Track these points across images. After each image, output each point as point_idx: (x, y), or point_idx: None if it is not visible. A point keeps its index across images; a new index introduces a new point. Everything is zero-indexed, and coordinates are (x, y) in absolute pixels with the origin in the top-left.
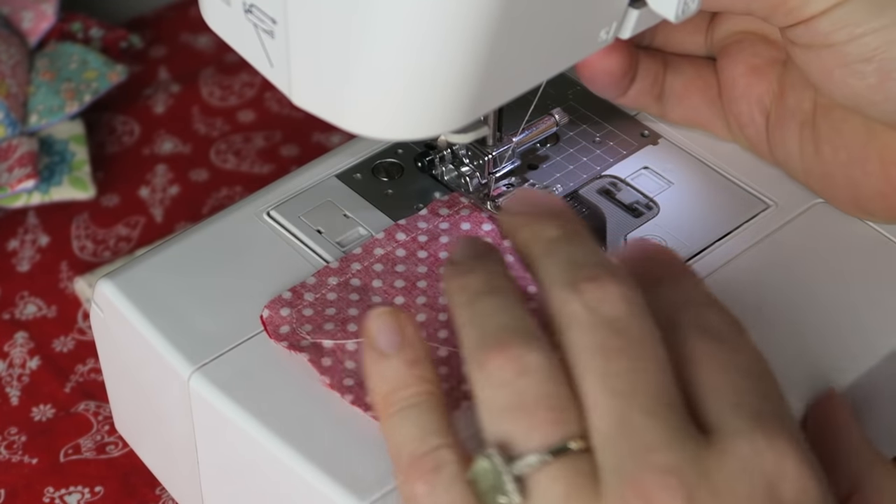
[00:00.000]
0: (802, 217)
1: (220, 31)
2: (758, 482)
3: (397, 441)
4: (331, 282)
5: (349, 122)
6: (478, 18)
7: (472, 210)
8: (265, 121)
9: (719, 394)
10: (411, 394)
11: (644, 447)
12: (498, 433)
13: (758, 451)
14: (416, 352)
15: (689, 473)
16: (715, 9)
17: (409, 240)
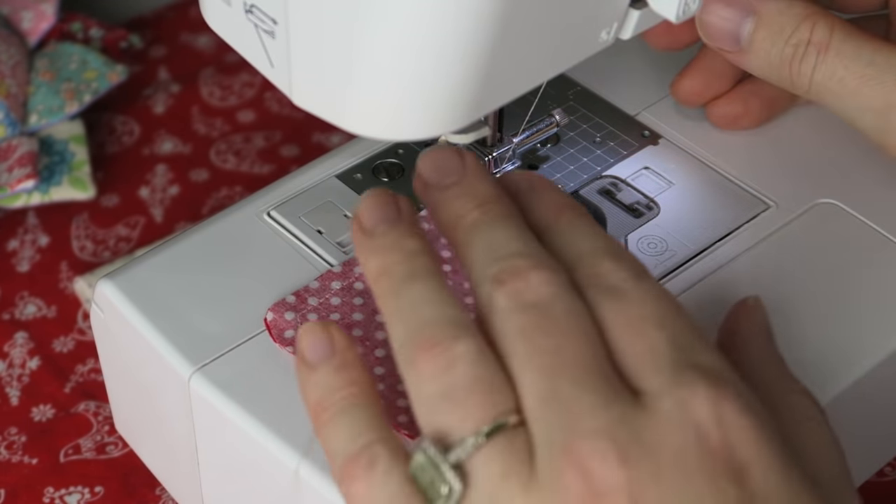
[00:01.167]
0: (802, 217)
1: (221, 31)
2: (688, 434)
3: (332, 446)
4: (334, 286)
5: (350, 123)
6: (478, 19)
7: None
8: (265, 121)
9: (636, 356)
10: (340, 397)
11: (573, 415)
12: (433, 425)
13: (681, 403)
14: (345, 356)
15: (620, 435)
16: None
17: None
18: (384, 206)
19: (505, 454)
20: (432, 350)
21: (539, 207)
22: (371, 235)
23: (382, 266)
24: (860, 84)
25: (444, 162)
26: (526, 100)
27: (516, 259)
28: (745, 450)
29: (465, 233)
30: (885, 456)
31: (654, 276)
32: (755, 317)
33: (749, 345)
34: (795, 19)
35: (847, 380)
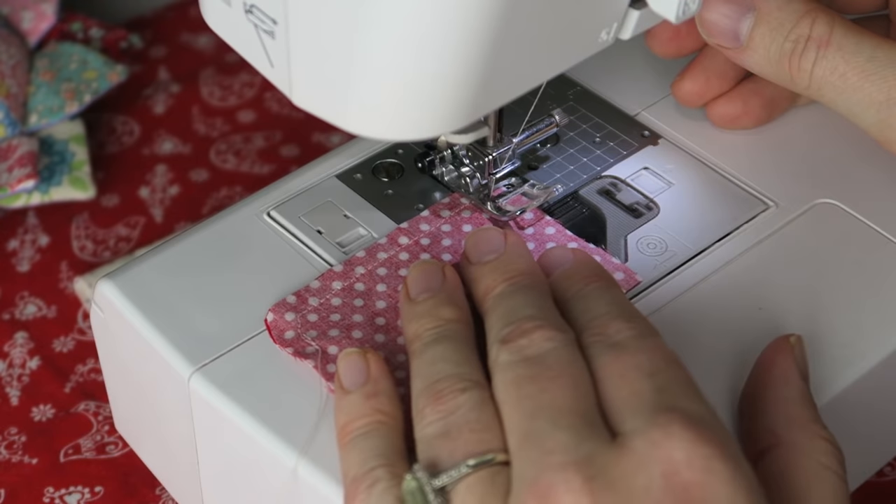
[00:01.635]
0: (802, 217)
1: (221, 32)
2: (655, 472)
3: (345, 467)
4: (335, 287)
5: (349, 123)
6: (478, 19)
7: (473, 211)
8: (265, 121)
9: (621, 400)
10: (363, 424)
11: (545, 451)
12: (427, 457)
13: (653, 443)
14: (377, 386)
15: (587, 470)
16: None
17: (412, 243)
18: (430, 276)
19: (485, 485)
20: (438, 402)
21: (573, 276)
22: (413, 304)
23: (416, 332)
24: (861, 79)
25: (486, 240)
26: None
27: (526, 321)
28: (717, 495)
29: (491, 302)
30: (885, 456)
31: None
32: (794, 354)
33: (785, 381)
34: (795, 15)
35: (847, 380)
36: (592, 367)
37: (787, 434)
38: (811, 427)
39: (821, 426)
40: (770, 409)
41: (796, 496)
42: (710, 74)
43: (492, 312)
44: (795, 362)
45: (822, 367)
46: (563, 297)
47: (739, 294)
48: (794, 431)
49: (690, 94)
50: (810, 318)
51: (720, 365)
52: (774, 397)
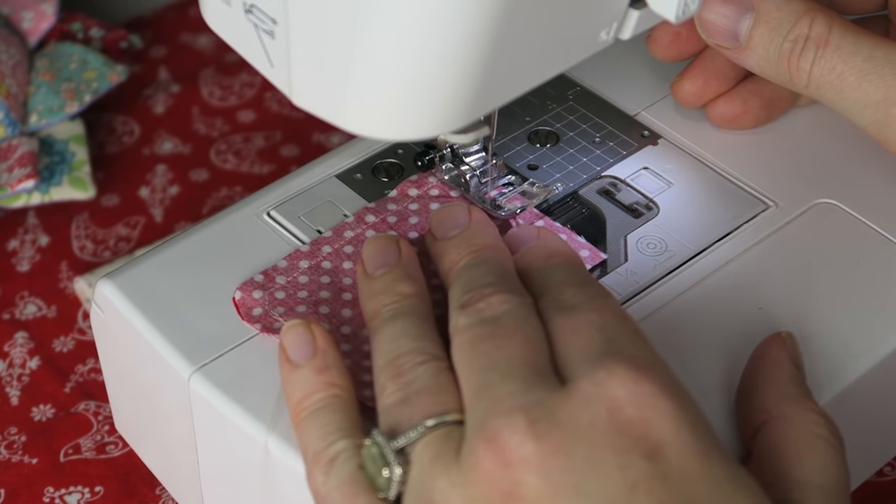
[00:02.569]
0: (803, 217)
1: (221, 32)
2: (600, 409)
3: (304, 443)
4: (302, 265)
5: (349, 123)
6: (478, 19)
7: (441, 190)
8: (265, 121)
9: (571, 352)
10: (318, 399)
11: (496, 400)
12: (387, 424)
13: (598, 383)
14: (326, 360)
15: (534, 413)
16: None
17: (379, 221)
18: (386, 251)
19: (441, 441)
20: (397, 379)
21: (536, 252)
22: (371, 279)
23: (375, 308)
24: (859, 78)
25: (451, 216)
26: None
27: (486, 288)
28: (660, 429)
29: (455, 274)
30: (885, 456)
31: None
32: (787, 347)
33: (775, 365)
34: (794, 15)
35: (847, 379)
36: (547, 329)
37: (778, 409)
38: (802, 402)
39: (812, 402)
40: (761, 390)
41: (788, 465)
42: (710, 75)
43: (455, 283)
44: (787, 352)
45: (821, 366)
46: (526, 272)
47: (739, 294)
48: (785, 406)
49: (690, 95)
50: (810, 318)
51: (720, 365)
52: (765, 379)
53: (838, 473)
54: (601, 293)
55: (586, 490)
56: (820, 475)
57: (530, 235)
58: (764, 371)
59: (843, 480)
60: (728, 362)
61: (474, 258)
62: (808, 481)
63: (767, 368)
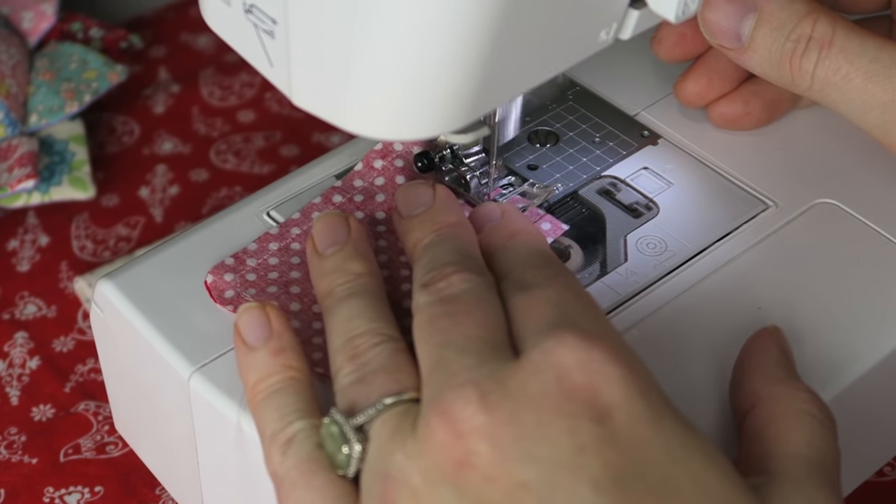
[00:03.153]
0: (802, 217)
1: (220, 32)
2: (549, 377)
3: (261, 425)
4: (272, 247)
5: (349, 122)
6: (478, 18)
7: (405, 160)
8: (265, 121)
9: (526, 327)
10: (275, 381)
11: (451, 374)
12: (345, 403)
13: (547, 351)
14: (282, 342)
15: (485, 385)
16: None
17: (346, 201)
18: (335, 229)
19: (398, 418)
20: (353, 361)
21: (500, 230)
22: (322, 258)
23: (328, 287)
24: (865, 80)
25: (415, 194)
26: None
27: (447, 266)
28: (609, 394)
29: (419, 253)
30: (885, 456)
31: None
32: (774, 336)
33: (763, 351)
34: (796, 15)
35: (847, 380)
36: (506, 307)
37: (766, 390)
38: (790, 382)
39: (800, 382)
40: (750, 376)
41: (774, 441)
42: (713, 75)
43: (418, 261)
44: (775, 341)
45: (821, 366)
46: (490, 251)
47: (739, 294)
48: (773, 387)
49: (693, 95)
50: (810, 318)
51: (720, 364)
52: (754, 366)
53: (825, 448)
54: (560, 272)
55: (536, 455)
56: (805, 448)
57: (494, 213)
58: (752, 359)
59: (831, 455)
60: (728, 362)
61: (437, 236)
62: (793, 454)
63: (755, 356)
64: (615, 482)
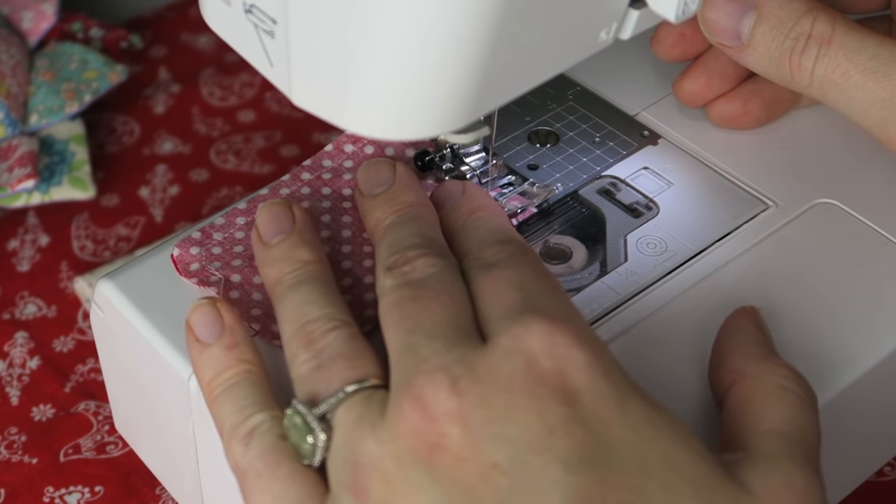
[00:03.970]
0: (803, 217)
1: (220, 32)
2: (517, 362)
3: (220, 419)
4: (238, 222)
5: (349, 123)
6: (478, 19)
7: (376, 147)
8: (265, 121)
9: (492, 310)
10: (230, 375)
11: (420, 360)
12: (305, 391)
13: (516, 337)
14: (235, 336)
15: (455, 370)
16: None
17: (314, 178)
18: (279, 218)
19: (363, 404)
20: (308, 347)
21: (461, 207)
22: (268, 247)
23: (276, 276)
24: (865, 77)
25: (376, 173)
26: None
27: (411, 250)
28: (576, 377)
29: (381, 233)
30: (884, 456)
31: (536, 253)
32: (751, 315)
33: (740, 330)
34: (796, 13)
35: (847, 379)
36: (470, 288)
37: (745, 367)
38: (769, 358)
39: (779, 358)
40: (728, 354)
41: (752, 418)
42: (712, 74)
43: (380, 243)
44: (752, 320)
45: (821, 367)
46: (451, 229)
47: (739, 294)
48: (752, 364)
49: (692, 94)
50: (810, 318)
51: None
52: (732, 344)
53: (804, 423)
54: (521, 249)
55: (507, 436)
56: (784, 424)
57: (455, 191)
58: (730, 337)
59: (810, 430)
60: None
61: (399, 216)
62: (771, 430)
63: (733, 334)
64: (584, 461)
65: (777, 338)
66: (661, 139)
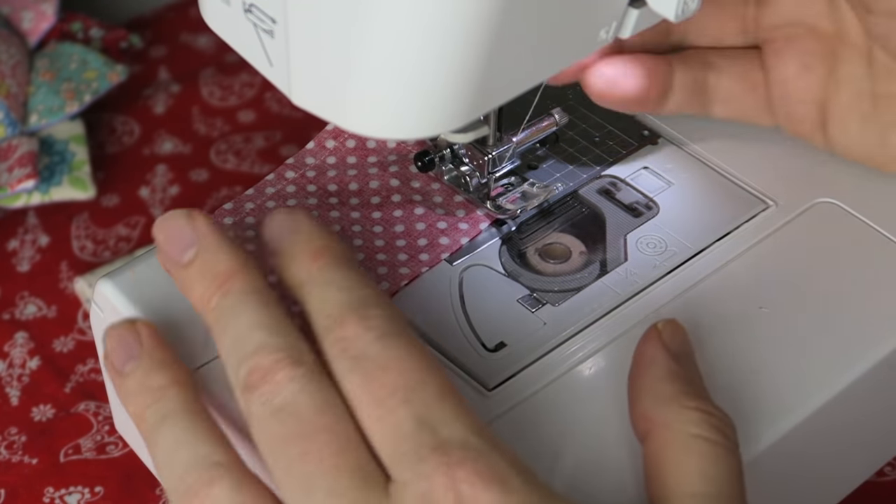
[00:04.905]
0: (803, 217)
1: (220, 31)
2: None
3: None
4: (225, 222)
5: (349, 122)
6: (477, 18)
7: (357, 141)
8: (265, 121)
9: (385, 438)
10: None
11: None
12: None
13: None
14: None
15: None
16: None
17: (298, 176)
18: (125, 343)
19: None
20: (192, 501)
21: (297, 255)
22: (123, 377)
23: (137, 412)
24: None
25: (176, 233)
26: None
27: (260, 356)
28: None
29: (213, 321)
30: (884, 456)
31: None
32: (663, 338)
33: (651, 363)
34: None
35: (847, 379)
36: (343, 391)
37: (657, 414)
38: (679, 400)
39: (692, 398)
40: (640, 395)
41: (666, 478)
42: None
43: (218, 337)
44: (664, 344)
45: (821, 367)
46: (294, 284)
47: (739, 294)
48: (662, 409)
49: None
50: (810, 318)
51: (720, 365)
52: (642, 382)
53: (720, 473)
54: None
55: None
56: (696, 482)
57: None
58: (640, 374)
59: (728, 480)
60: (728, 362)
61: (224, 297)
62: (685, 493)
63: (643, 370)
64: None
65: (777, 338)
66: (661, 139)
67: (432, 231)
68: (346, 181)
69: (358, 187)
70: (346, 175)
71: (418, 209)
